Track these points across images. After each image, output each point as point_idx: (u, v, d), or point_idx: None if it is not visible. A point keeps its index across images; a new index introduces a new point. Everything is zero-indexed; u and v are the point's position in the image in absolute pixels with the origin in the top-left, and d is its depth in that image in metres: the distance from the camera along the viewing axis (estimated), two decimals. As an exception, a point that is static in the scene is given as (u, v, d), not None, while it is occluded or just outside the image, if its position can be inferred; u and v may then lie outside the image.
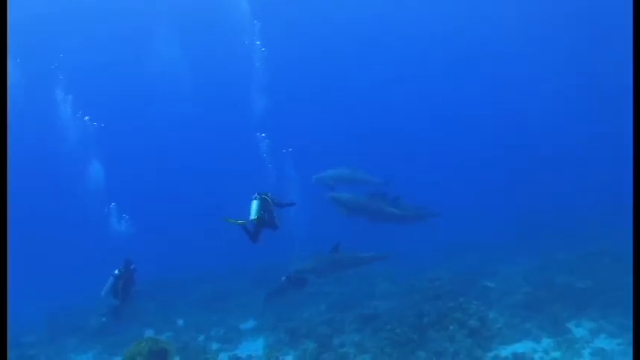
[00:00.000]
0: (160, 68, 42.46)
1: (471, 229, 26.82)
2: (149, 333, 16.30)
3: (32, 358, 15.98)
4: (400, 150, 44.10)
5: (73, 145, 27.48)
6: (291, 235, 16.92)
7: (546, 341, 12.69)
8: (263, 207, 11.50)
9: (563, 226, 23.01)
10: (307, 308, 18.17)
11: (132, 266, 14.03)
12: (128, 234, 20.64)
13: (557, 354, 11.94)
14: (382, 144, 44.34)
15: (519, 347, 12.43)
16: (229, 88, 43.32)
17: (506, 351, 12.23)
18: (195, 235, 35.01)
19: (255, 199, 11.56)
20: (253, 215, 11.26)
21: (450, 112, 50.38)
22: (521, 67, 45.87)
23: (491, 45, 46.52)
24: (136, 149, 49.50)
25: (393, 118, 50.51)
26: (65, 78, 28.73)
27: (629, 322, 10.98)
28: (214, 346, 15.56)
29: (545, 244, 20.37)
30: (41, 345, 18.16)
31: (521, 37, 43.95)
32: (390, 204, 17.80)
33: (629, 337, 11.08)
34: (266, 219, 11.40)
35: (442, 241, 26.00)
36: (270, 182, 18.50)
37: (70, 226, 42.96)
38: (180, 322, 18.39)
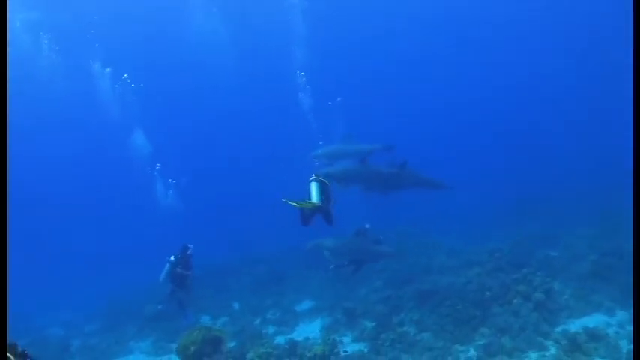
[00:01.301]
0: (199, 40, 42.23)
1: (522, 193, 26.10)
2: (205, 319, 16.28)
3: (94, 347, 16.14)
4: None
5: (116, 117, 27.48)
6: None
7: (620, 314, 11.87)
8: (323, 192, 10.98)
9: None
10: (363, 286, 17.79)
11: (188, 251, 13.94)
12: (177, 208, 20.58)
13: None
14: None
15: (590, 321, 11.64)
16: (270, 59, 42.94)
17: (575, 325, 11.51)
18: (245, 214, 35.13)
19: (315, 181, 11.02)
20: (315, 199, 10.68)
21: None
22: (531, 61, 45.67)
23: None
24: (178, 123, 49.71)
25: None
26: (102, 49, 28.68)
27: None
28: (270, 329, 15.36)
29: (607, 208, 19.23)
30: (102, 333, 18.42)
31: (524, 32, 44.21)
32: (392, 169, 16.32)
33: None
34: (323, 207, 10.86)
35: (494, 208, 25.39)
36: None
37: (120, 205, 43.88)
38: (235, 305, 18.28)
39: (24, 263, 34.96)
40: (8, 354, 5.83)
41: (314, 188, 10.84)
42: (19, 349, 6.09)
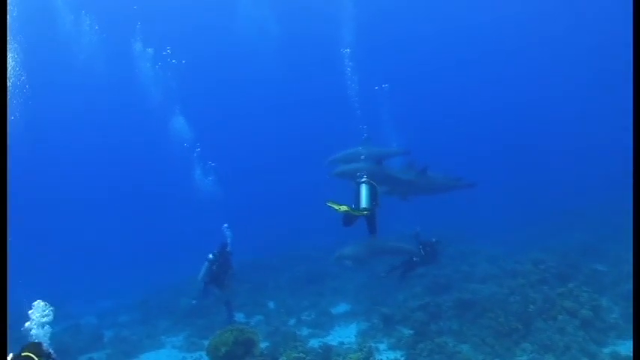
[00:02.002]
0: (244, 23, 42.19)
1: (567, 201, 25.44)
2: (239, 317, 16.18)
3: (125, 339, 16.17)
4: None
5: (157, 99, 27.41)
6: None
7: (675, 337, 11.22)
8: (372, 195, 10.67)
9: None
10: (402, 291, 17.45)
11: (227, 249, 13.79)
12: (217, 197, 20.46)
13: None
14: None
15: (641, 344, 11.02)
16: (317, 49, 42.73)
17: (625, 348, 10.85)
18: (287, 209, 35.05)
19: (365, 183, 10.69)
20: (365, 204, 10.35)
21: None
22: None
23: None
24: (222, 111, 49.82)
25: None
26: (144, 29, 28.78)
27: None
28: (305, 331, 15.12)
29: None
30: (135, 325, 18.54)
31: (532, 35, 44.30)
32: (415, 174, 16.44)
33: None
34: (370, 213, 10.55)
35: (534, 215, 24.74)
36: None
37: (160, 193, 44.28)
38: (271, 304, 18.14)
39: (66, 250, 35.80)
40: (31, 354, 5.77)
41: (364, 190, 10.50)
42: (44, 348, 6.02)
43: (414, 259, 15.31)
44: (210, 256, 13.64)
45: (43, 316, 6.96)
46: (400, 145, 18.48)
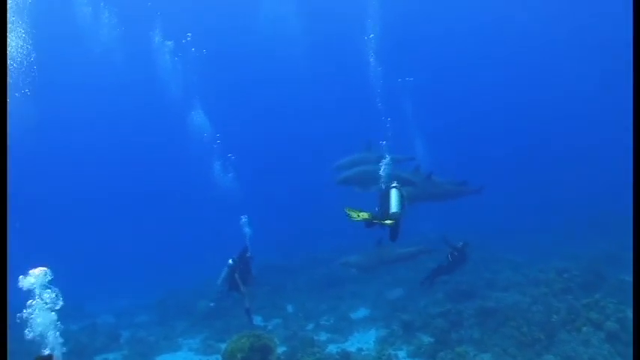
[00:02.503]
0: (269, 21, 41.98)
1: (592, 207, 24.99)
2: (257, 320, 16.07)
3: (142, 340, 16.16)
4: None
5: (177, 95, 27.10)
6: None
7: None
8: (402, 202, 10.46)
9: None
10: (423, 297, 17.24)
11: (248, 254, 13.53)
12: (236, 190, 20.29)
13: None
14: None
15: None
16: (340, 41, 42.48)
17: (653, 362, 10.58)
18: (307, 210, 34.80)
19: (396, 188, 10.48)
20: (396, 209, 10.12)
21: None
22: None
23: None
24: (242, 106, 49.57)
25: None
26: (163, 21, 28.54)
27: None
28: (323, 336, 14.96)
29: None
30: (152, 326, 18.52)
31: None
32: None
33: None
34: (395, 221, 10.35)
35: (557, 222, 24.35)
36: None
37: (180, 191, 44.28)
38: (289, 308, 18.04)
39: (86, 249, 36.03)
40: None
41: (395, 196, 10.28)
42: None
43: (445, 263, 15.09)
44: (230, 261, 13.31)
45: (47, 302, 6.90)
46: (405, 152, 18.19)
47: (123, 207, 45.51)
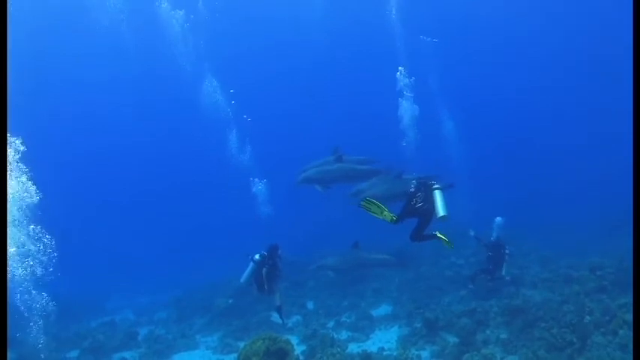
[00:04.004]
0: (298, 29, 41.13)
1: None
2: (276, 317, 15.55)
3: (160, 338, 15.79)
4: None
5: (186, 66, 26.11)
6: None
7: None
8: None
9: None
10: (446, 294, 16.65)
11: (279, 252, 12.49)
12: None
13: None
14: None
15: None
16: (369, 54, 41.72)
17: (695, 369, 9.82)
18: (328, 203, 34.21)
19: (439, 189, 9.80)
20: (444, 211, 9.50)
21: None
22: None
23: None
24: (258, 82, 48.49)
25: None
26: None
27: None
28: (344, 334, 14.45)
29: None
30: (170, 323, 18.19)
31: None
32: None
33: None
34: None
35: (588, 216, 23.52)
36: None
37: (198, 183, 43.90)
38: (310, 305, 17.62)
39: (111, 245, 36.02)
40: None
41: (440, 198, 9.60)
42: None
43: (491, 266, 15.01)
44: (257, 256, 12.29)
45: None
46: (371, 155, 17.56)
47: (142, 201, 45.45)
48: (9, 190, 9.74)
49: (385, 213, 9.27)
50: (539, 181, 34.50)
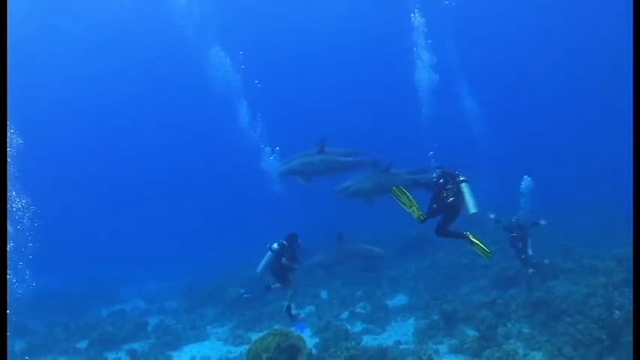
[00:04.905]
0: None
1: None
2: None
3: (170, 329, 15.42)
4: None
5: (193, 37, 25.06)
6: None
7: None
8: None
9: None
10: (465, 283, 16.12)
11: (298, 241, 11.92)
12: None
13: None
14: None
15: None
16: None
17: None
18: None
19: (467, 182, 9.27)
20: (475, 208, 8.98)
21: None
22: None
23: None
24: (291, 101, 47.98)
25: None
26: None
27: None
28: (358, 326, 13.99)
29: None
30: (180, 313, 17.87)
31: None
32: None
33: None
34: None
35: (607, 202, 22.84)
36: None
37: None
38: (323, 294, 17.18)
39: (127, 230, 35.86)
40: None
41: (469, 192, 9.07)
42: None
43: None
44: (276, 245, 11.65)
45: None
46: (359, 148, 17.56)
47: (155, 184, 45.20)
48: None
49: (414, 208, 8.80)
50: (556, 168, 33.82)
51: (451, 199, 9.12)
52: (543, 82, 46.46)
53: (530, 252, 14.13)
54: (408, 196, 9.00)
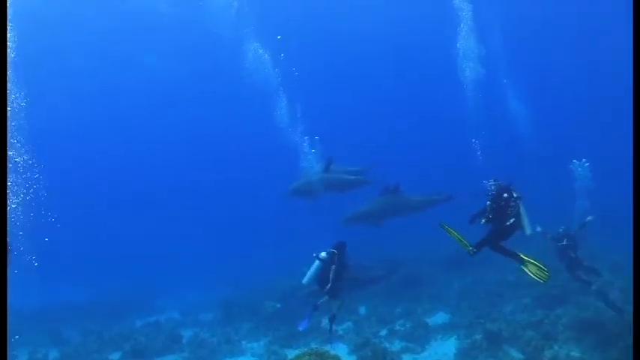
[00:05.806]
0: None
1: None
2: (325, 323, 14.76)
3: (204, 343, 15.33)
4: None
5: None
6: None
7: None
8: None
9: None
10: (508, 301, 15.57)
11: (346, 250, 11.28)
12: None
13: None
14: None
15: None
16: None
17: None
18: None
19: (521, 199, 8.98)
20: (531, 229, 8.68)
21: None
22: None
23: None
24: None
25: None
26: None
27: None
28: (397, 345, 13.59)
29: None
30: (215, 326, 17.72)
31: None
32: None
33: None
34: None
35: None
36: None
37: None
38: (362, 310, 16.82)
39: (164, 238, 36.04)
40: None
41: (524, 210, 8.75)
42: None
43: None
44: (324, 254, 11.04)
45: None
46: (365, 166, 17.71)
47: (194, 190, 45.28)
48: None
49: (463, 243, 8.65)
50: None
51: (512, 220, 8.75)
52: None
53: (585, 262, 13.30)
54: (455, 234, 8.95)
